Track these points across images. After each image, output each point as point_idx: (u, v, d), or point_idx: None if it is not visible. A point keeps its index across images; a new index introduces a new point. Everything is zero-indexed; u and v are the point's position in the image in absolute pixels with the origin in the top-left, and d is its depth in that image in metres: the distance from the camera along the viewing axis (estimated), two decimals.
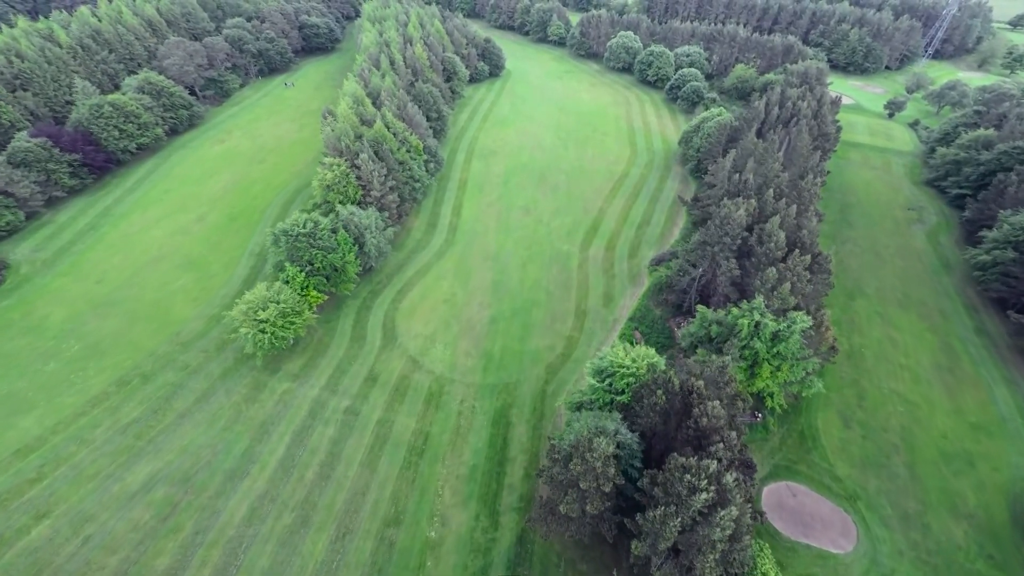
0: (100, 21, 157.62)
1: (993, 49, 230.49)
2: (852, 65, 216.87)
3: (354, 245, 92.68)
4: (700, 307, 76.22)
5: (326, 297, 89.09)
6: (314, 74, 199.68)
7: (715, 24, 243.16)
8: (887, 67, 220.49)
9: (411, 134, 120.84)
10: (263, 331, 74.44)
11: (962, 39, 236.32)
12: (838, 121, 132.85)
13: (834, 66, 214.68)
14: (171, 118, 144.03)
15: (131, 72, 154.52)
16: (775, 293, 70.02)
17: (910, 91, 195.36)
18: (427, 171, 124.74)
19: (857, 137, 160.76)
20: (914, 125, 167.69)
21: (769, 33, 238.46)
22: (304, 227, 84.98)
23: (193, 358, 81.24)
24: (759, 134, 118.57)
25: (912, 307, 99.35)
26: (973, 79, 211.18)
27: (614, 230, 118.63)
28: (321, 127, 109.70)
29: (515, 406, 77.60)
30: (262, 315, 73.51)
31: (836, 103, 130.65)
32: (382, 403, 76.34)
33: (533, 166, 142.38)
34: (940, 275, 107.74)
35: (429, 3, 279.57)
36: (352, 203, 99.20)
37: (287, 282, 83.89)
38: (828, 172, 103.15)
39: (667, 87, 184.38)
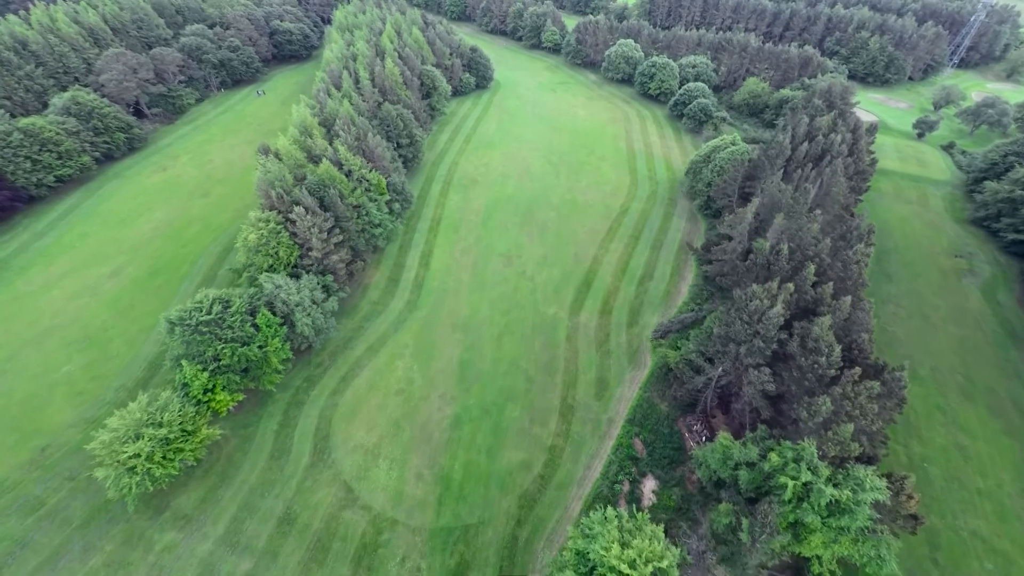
0: (31, 29, 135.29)
1: (1023, 58, 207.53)
2: (872, 76, 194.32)
3: (282, 326, 71.35)
4: (723, 436, 55.02)
5: (242, 396, 67.83)
6: (284, 86, 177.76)
7: (722, 30, 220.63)
8: (910, 78, 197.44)
9: (371, 170, 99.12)
10: (133, 470, 53.21)
11: (989, 47, 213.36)
12: (873, 151, 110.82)
13: (851, 76, 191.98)
14: (104, 143, 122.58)
15: (64, 88, 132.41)
16: (830, 434, 48.65)
17: (938, 106, 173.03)
18: (391, 212, 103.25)
19: (886, 162, 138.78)
20: (949, 148, 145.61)
21: (780, 40, 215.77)
22: (208, 312, 63.61)
23: (52, 491, 60.23)
24: (783, 172, 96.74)
25: (979, 397, 78.15)
26: (1005, 91, 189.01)
27: (610, 286, 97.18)
28: (258, 168, 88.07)
29: (475, 566, 56.44)
30: (130, 449, 52.27)
31: (872, 131, 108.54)
32: (295, 565, 55.18)
33: (519, 199, 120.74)
34: (1006, 348, 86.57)
35: (418, 5, 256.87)
36: (286, 268, 77.66)
37: (185, 384, 62.60)
38: (863, 216, 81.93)
39: (671, 102, 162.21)
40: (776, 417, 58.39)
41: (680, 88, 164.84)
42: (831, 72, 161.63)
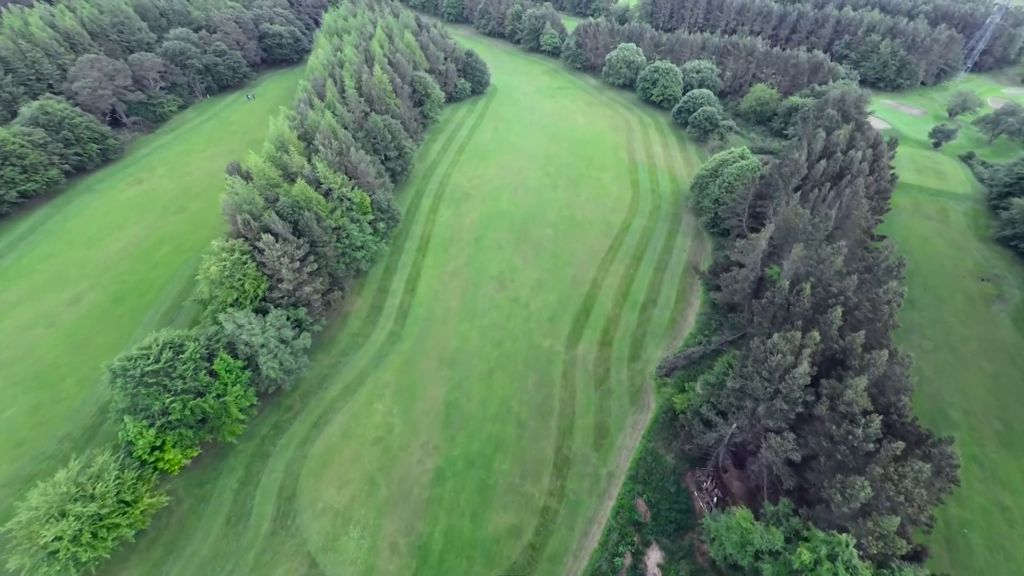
0: (0, 34, 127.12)
1: None
2: (883, 81, 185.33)
3: (245, 369, 63.21)
4: (741, 515, 46.74)
5: (197, 451, 59.74)
6: (273, 91, 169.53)
7: (726, 32, 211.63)
8: (922, 83, 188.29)
9: (353, 187, 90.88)
10: (55, 555, 45.12)
11: (1004, 50, 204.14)
12: (893, 167, 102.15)
13: (862, 82, 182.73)
14: (76, 155, 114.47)
15: (35, 96, 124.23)
16: (870, 524, 40.36)
17: (953, 113, 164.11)
18: (375, 232, 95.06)
19: (902, 175, 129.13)
20: (968, 159, 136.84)
21: (787, 43, 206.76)
22: (156, 360, 55.48)
23: None
24: (798, 191, 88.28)
25: (1019, 445, 69.83)
26: (1020, 97, 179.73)
27: (611, 313, 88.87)
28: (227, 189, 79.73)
29: None
30: (51, 531, 44.18)
31: (892, 145, 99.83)
32: None
33: (514, 215, 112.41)
34: None
35: (414, 7, 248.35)
36: (253, 301, 69.46)
37: (130, 443, 54.51)
38: (891, 246, 73.45)
39: (674, 109, 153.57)
40: (801, 487, 50.08)
41: (684, 95, 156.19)
42: (843, 78, 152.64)
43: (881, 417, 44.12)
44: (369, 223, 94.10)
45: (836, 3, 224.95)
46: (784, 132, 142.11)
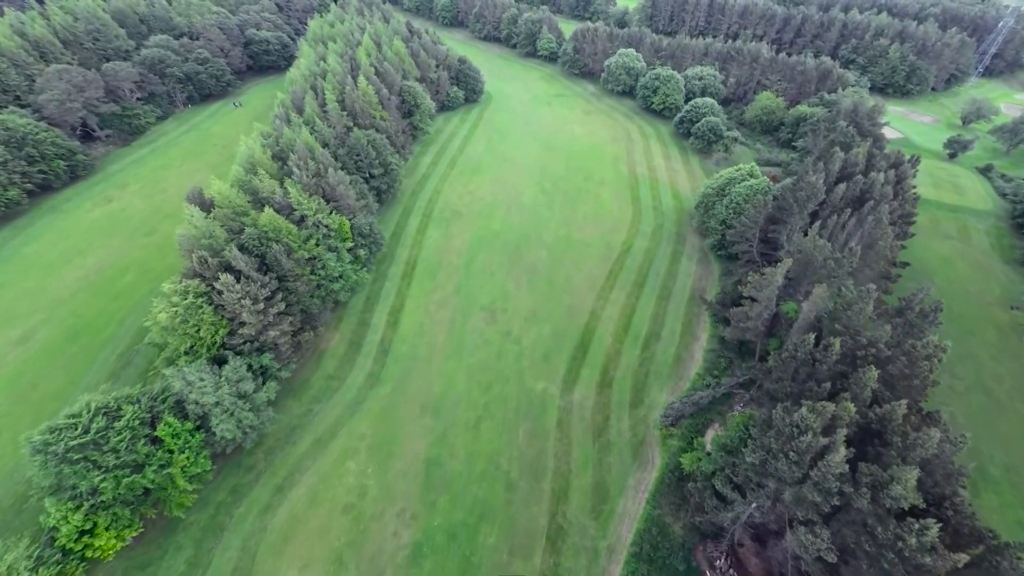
0: None
1: None
2: (892, 87, 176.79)
3: (197, 431, 54.90)
4: None
5: (138, 530, 51.43)
6: (258, 100, 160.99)
7: (729, 36, 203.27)
8: (932, 88, 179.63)
9: (331, 212, 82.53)
10: None
11: (1016, 54, 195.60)
12: (915, 186, 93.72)
13: (870, 88, 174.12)
14: (40, 173, 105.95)
15: (0, 109, 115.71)
16: None
17: (967, 121, 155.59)
18: (356, 260, 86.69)
19: (918, 189, 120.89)
20: (986, 171, 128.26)
21: (791, 47, 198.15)
22: (86, 431, 47.18)
23: None
24: (814, 217, 79.90)
25: None
26: None
27: (610, 349, 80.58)
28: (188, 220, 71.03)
29: None
30: None
31: (914, 163, 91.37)
32: None
33: (507, 236, 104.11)
34: None
35: (408, 10, 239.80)
36: (210, 350, 61.11)
37: (55, 529, 46.22)
38: (927, 289, 64.88)
39: (677, 119, 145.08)
40: None
41: (686, 103, 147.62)
42: (852, 86, 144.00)
43: (937, 523, 35.70)
44: (349, 250, 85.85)
45: (842, 5, 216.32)
46: (792, 143, 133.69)
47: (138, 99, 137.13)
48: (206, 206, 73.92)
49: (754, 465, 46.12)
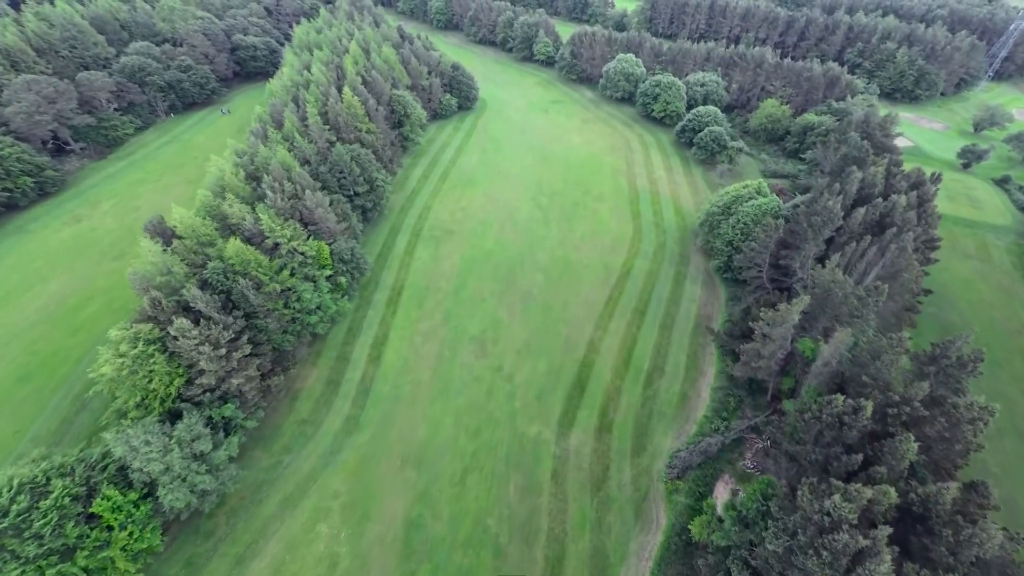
0: None
1: None
2: (899, 92, 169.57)
3: (144, 500, 47.89)
4: None
5: None
6: (246, 107, 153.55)
7: (730, 40, 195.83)
8: (941, 93, 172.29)
9: (308, 237, 75.48)
10: None
11: None
12: (935, 204, 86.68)
13: (877, 93, 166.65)
14: (5, 191, 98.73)
15: None
16: None
17: (979, 128, 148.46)
18: (336, 288, 79.68)
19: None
20: (1003, 183, 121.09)
21: (794, 50, 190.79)
22: (5, 515, 40.21)
23: None
24: (829, 244, 72.87)
25: None
26: None
27: (610, 387, 73.68)
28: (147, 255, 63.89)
29: None
30: None
31: (936, 181, 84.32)
32: None
33: (500, 257, 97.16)
34: None
35: (403, 12, 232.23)
36: (164, 403, 54.10)
37: None
38: (967, 335, 57.78)
39: (678, 128, 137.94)
40: None
41: (688, 111, 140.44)
42: (861, 93, 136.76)
43: None
44: (328, 278, 78.79)
45: (847, 7, 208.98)
46: (800, 154, 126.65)
47: (116, 109, 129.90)
48: (167, 236, 66.69)
49: (776, 554, 39.12)
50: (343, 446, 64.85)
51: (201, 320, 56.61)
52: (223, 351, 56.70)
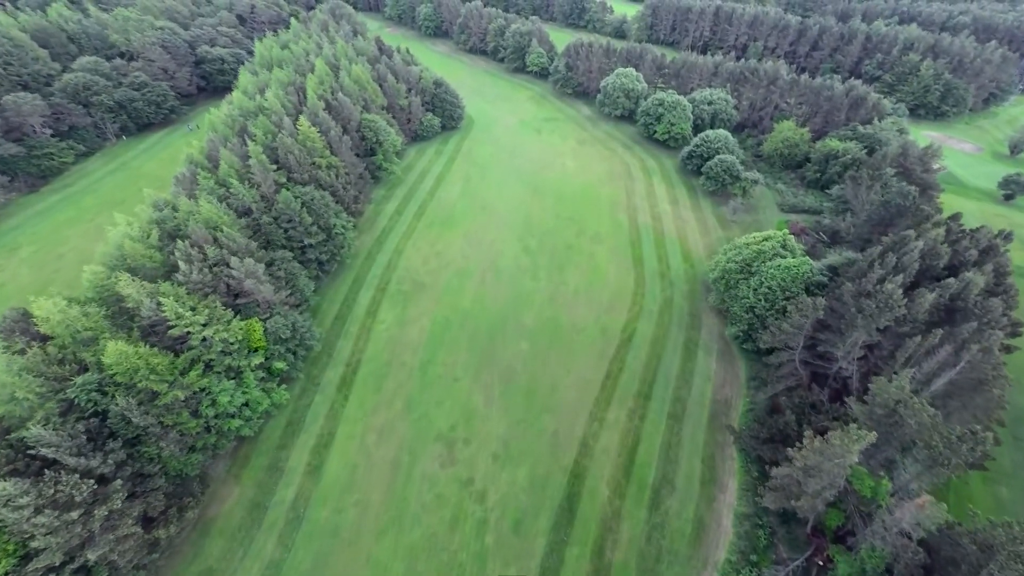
0: None
1: None
2: (923, 108, 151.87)
3: None
4: None
5: None
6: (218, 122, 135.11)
7: (736, 48, 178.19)
8: (968, 109, 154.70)
9: (231, 321, 58.54)
10: None
11: None
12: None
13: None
14: None
15: None
16: None
17: (1016, 150, 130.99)
18: (270, 375, 62.81)
19: None
20: None
21: (806, 60, 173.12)
22: None
23: None
24: (885, 332, 55.90)
25: None
26: None
27: (607, 510, 57.19)
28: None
29: None
30: None
31: (1008, 239, 67.28)
32: None
33: (479, 319, 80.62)
34: None
35: (390, 18, 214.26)
36: None
37: None
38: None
39: (684, 153, 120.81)
40: None
41: (695, 134, 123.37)
42: (889, 115, 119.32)
43: None
44: (260, 364, 61.72)
45: (861, 12, 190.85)
46: (822, 186, 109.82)
47: (53, 135, 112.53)
48: (31, 338, 49.84)
49: None
50: None
51: (47, 472, 39.76)
52: (74, 515, 39.96)
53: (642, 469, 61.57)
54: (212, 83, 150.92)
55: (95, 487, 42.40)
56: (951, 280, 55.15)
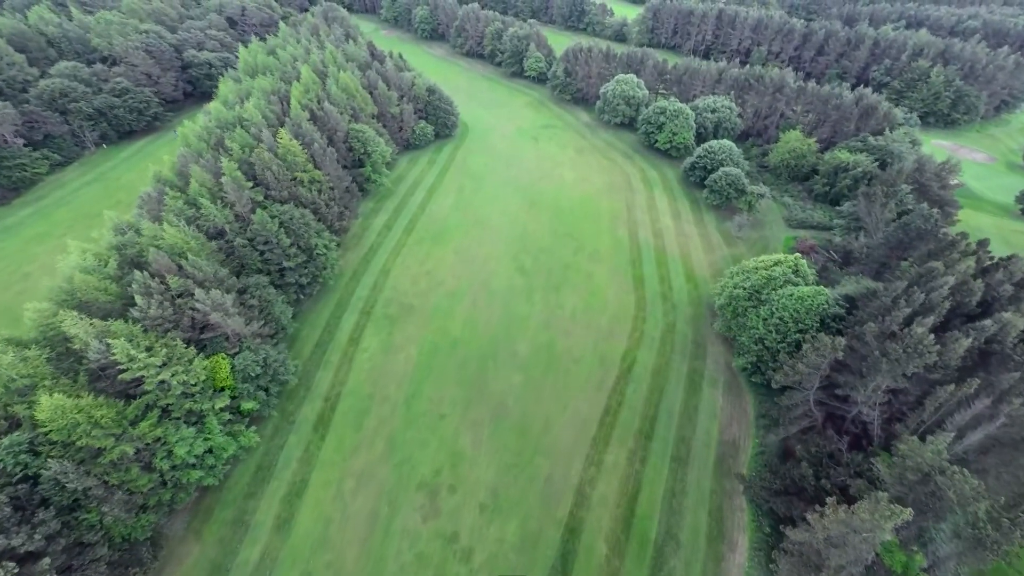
0: None
1: None
2: (933, 115, 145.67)
3: None
4: None
5: None
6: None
7: (739, 53, 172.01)
8: (980, 116, 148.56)
9: (194, 359, 52.57)
10: None
11: None
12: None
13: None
14: None
15: None
16: None
17: None
18: (239, 414, 56.89)
19: None
20: None
21: (811, 65, 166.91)
22: None
23: None
24: (910, 379, 49.97)
25: None
26: None
27: (603, 570, 51.45)
28: None
29: None
30: None
31: None
32: None
33: (469, 347, 74.72)
34: None
35: (386, 20, 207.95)
36: None
37: None
38: None
39: (687, 164, 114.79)
40: None
41: (699, 144, 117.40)
42: (901, 126, 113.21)
43: None
44: (226, 406, 55.74)
45: (866, 16, 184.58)
46: (831, 199, 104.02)
47: (26, 144, 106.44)
48: None
49: None
50: None
51: None
52: None
53: (643, 522, 55.66)
54: (199, 88, 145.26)
55: (16, 570, 36.38)
56: (987, 322, 49.11)
